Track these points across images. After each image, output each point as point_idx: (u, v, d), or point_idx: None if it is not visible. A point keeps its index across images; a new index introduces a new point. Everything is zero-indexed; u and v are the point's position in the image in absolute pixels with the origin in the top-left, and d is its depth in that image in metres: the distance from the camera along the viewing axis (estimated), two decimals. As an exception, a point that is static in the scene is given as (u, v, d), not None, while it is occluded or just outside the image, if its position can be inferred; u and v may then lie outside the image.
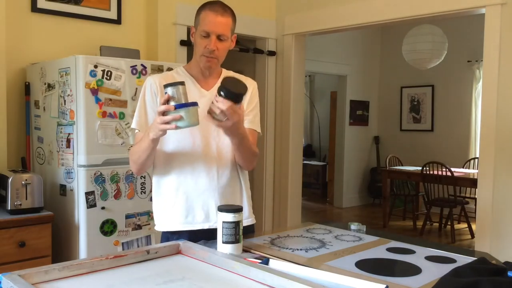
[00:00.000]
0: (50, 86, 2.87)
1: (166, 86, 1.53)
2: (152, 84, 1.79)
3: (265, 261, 1.38)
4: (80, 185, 2.64)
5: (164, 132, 1.57)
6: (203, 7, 1.77)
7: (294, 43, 4.42)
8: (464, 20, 6.31)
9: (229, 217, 1.49)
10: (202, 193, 1.78)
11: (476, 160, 5.94)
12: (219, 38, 1.74)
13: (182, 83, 1.54)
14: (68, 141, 2.71)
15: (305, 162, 7.21)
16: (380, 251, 1.61)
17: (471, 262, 1.32)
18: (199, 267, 1.37)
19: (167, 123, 1.51)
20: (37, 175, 2.68)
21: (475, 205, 4.33)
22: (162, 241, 1.82)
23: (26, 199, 2.57)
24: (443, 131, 7.22)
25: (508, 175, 3.13)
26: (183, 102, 1.52)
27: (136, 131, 1.83)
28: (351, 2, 3.96)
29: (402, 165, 6.93)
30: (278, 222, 4.57)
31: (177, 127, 1.52)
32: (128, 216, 2.82)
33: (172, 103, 1.51)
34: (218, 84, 1.76)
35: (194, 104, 1.53)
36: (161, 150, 1.78)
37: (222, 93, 1.52)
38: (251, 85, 1.90)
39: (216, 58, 1.77)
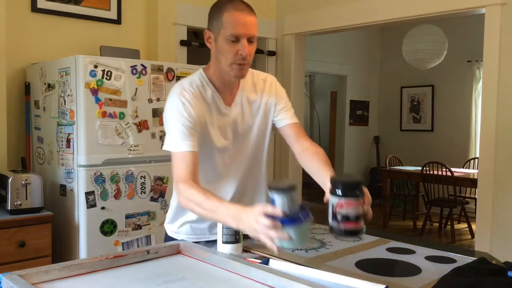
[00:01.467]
0: (50, 86, 2.87)
1: (272, 189, 1.18)
2: (187, 107, 1.49)
3: (265, 261, 1.38)
4: (80, 185, 2.64)
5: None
6: (223, 6, 1.51)
7: (294, 43, 4.42)
8: (464, 20, 6.31)
9: (229, 217, 1.48)
10: None
11: (476, 160, 5.94)
12: (249, 40, 1.50)
13: (293, 188, 1.18)
14: (68, 141, 2.71)
15: (305, 162, 7.19)
16: (380, 251, 1.61)
17: (471, 262, 1.32)
18: (199, 267, 1.37)
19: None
20: (37, 175, 2.68)
21: (475, 205, 4.33)
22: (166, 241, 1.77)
23: (26, 199, 2.57)
24: (443, 131, 7.22)
25: (508, 175, 3.13)
26: (293, 214, 1.16)
27: (177, 151, 1.46)
28: (351, 2, 3.96)
29: (402, 165, 6.93)
30: (278, 222, 4.57)
31: (280, 249, 1.19)
32: (128, 216, 2.82)
33: (278, 209, 1.15)
34: (240, 96, 1.60)
35: (307, 215, 1.17)
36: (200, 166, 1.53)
37: (340, 192, 1.20)
38: (272, 79, 1.76)
39: (249, 65, 1.53)
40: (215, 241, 1.57)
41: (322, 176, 1.52)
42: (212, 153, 1.58)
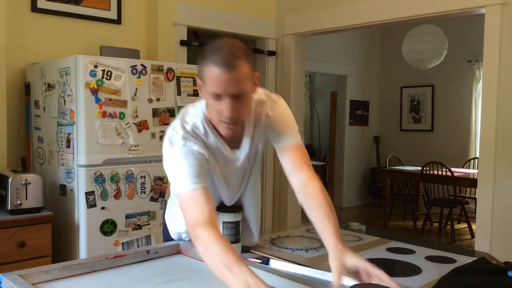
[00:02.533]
0: (50, 86, 2.87)
1: None
2: (193, 149, 1.38)
3: (265, 261, 1.38)
4: (80, 185, 2.64)
5: None
6: (205, 58, 1.31)
7: (294, 43, 4.42)
8: (464, 20, 6.31)
9: (229, 217, 1.49)
10: None
11: (476, 160, 5.93)
12: (236, 97, 1.30)
13: None
14: (68, 141, 2.71)
15: (305, 162, 7.19)
16: (380, 251, 1.61)
17: (471, 262, 1.32)
18: (199, 267, 1.36)
19: None
20: (37, 175, 2.68)
21: (475, 205, 4.33)
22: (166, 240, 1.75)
23: (26, 199, 2.57)
24: (443, 131, 7.22)
25: (508, 175, 3.13)
26: None
27: (184, 189, 1.32)
28: (351, 2, 3.96)
29: (402, 165, 6.93)
30: (278, 222, 4.57)
31: None
32: (128, 216, 2.82)
33: None
34: (247, 139, 1.48)
35: None
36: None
37: None
38: (281, 105, 1.54)
39: (239, 123, 1.38)
40: None
41: (324, 232, 1.32)
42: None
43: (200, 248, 1.22)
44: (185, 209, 1.30)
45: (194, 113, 1.45)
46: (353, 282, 1.15)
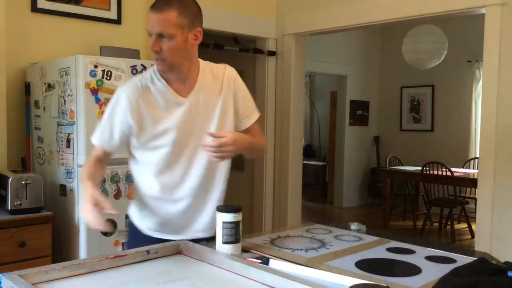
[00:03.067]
0: (50, 86, 2.87)
1: None
2: (126, 103, 1.64)
3: (265, 261, 1.38)
4: (80, 185, 2.64)
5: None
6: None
7: (294, 43, 4.42)
8: (464, 20, 6.31)
9: (229, 217, 1.49)
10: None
11: (476, 160, 5.94)
12: (161, 36, 1.54)
13: None
14: (68, 141, 2.71)
15: (305, 162, 7.21)
16: (380, 251, 1.61)
17: (471, 262, 1.32)
18: (199, 267, 1.37)
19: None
20: (37, 175, 2.68)
21: (475, 205, 4.33)
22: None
23: (26, 199, 2.57)
24: (443, 131, 7.22)
25: (508, 175, 3.13)
26: None
27: (94, 143, 1.74)
28: (351, 2, 3.96)
29: (402, 165, 6.93)
30: (278, 222, 4.57)
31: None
32: (128, 216, 2.81)
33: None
34: (198, 88, 1.66)
35: None
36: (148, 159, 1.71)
37: None
38: (231, 71, 1.78)
39: (164, 60, 1.58)
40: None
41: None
42: (163, 142, 1.65)
43: (85, 163, 1.75)
44: (91, 157, 1.74)
45: (145, 71, 1.73)
46: (353, 282, 1.15)
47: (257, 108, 1.84)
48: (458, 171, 5.93)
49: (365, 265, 1.43)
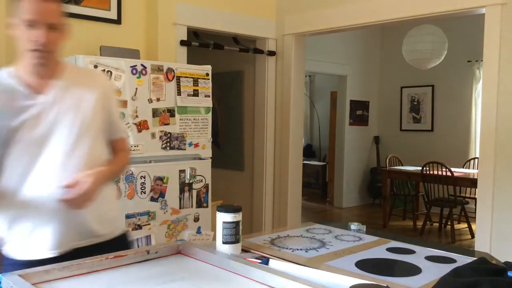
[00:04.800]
0: (50, 86, 2.86)
1: None
2: None
3: (265, 261, 1.38)
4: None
5: None
6: None
7: (294, 43, 4.42)
8: (464, 20, 6.31)
9: (229, 217, 1.49)
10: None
11: (476, 160, 5.94)
12: (49, 27, 1.44)
13: None
14: (68, 141, 2.70)
15: (305, 162, 7.21)
16: (380, 251, 1.61)
17: (471, 262, 1.32)
18: (199, 267, 1.37)
19: None
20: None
21: (475, 205, 4.33)
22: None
23: (26, 199, 2.57)
24: (443, 131, 7.22)
25: (508, 175, 3.13)
26: None
27: None
28: (351, 2, 3.96)
29: (402, 165, 6.93)
30: (278, 222, 4.57)
31: None
32: (128, 216, 2.82)
33: None
34: (58, 85, 1.53)
35: None
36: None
37: None
38: (110, 82, 1.69)
39: (49, 52, 1.48)
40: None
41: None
42: (24, 142, 1.49)
43: None
44: None
45: None
46: (353, 282, 1.15)
47: (126, 130, 1.80)
48: (458, 171, 5.92)
49: (365, 265, 1.43)
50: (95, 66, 2.64)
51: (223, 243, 1.48)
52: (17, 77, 1.52)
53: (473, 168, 6.32)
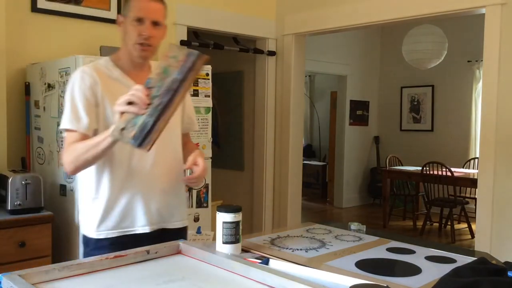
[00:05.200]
0: (50, 86, 2.87)
1: None
2: (88, 79, 1.63)
3: (265, 261, 1.38)
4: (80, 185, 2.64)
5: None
6: None
7: (294, 43, 4.42)
8: (464, 20, 6.31)
9: (229, 217, 1.49)
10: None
11: (476, 160, 5.94)
12: (155, 24, 1.64)
13: None
14: (68, 141, 2.70)
15: (305, 162, 7.21)
16: (380, 251, 1.61)
17: (471, 262, 1.32)
18: (199, 267, 1.37)
19: None
20: (37, 175, 2.68)
21: (475, 205, 4.33)
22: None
23: (26, 199, 2.57)
24: (443, 131, 7.22)
25: (508, 175, 3.13)
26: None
27: (66, 133, 1.65)
28: (351, 2, 3.96)
29: (402, 165, 6.93)
30: (278, 222, 4.57)
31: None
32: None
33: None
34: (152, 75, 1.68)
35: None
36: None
37: None
38: None
39: (151, 46, 1.67)
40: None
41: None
42: None
43: (68, 166, 1.59)
44: (68, 144, 1.63)
45: (95, 62, 1.73)
46: (353, 282, 1.15)
47: (197, 125, 1.99)
48: (458, 171, 5.93)
49: (365, 265, 1.43)
50: (95, 66, 2.64)
51: (223, 243, 1.48)
52: (120, 67, 1.70)
53: (473, 168, 6.33)
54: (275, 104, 4.58)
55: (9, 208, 2.54)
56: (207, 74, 3.25)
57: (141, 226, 1.69)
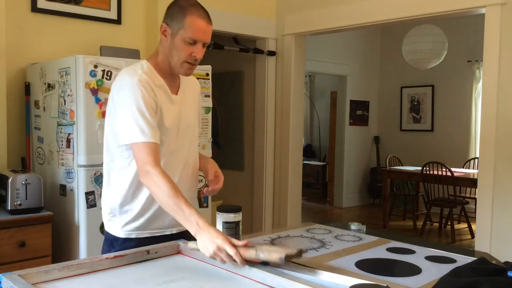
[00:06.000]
0: (50, 86, 2.87)
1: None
2: (148, 89, 1.60)
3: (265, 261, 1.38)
4: (80, 185, 2.64)
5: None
6: (186, 9, 1.60)
7: (294, 43, 4.42)
8: (464, 20, 6.31)
9: (229, 217, 1.49)
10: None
11: (476, 160, 5.94)
12: (204, 45, 1.65)
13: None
14: (68, 141, 2.71)
15: (305, 162, 7.22)
16: (380, 251, 1.62)
17: (471, 262, 1.32)
18: (199, 267, 1.37)
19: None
20: (37, 175, 2.68)
21: (475, 205, 4.33)
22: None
23: (26, 199, 2.57)
24: (443, 131, 7.22)
25: (508, 175, 3.13)
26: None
27: (142, 141, 1.53)
28: (351, 2, 3.96)
29: (402, 165, 6.93)
30: (278, 222, 4.57)
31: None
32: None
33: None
34: (182, 88, 1.75)
35: None
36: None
37: None
38: (198, 82, 1.93)
39: (196, 64, 1.68)
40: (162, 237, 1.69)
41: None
42: (164, 134, 1.66)
43: (149, 183, 1.49)
44: (140, 153, 1.52)
45: (134, 67, 1.68)
46: (353, 282, 1.15)
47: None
48: (458, 171, 5.93)
49: (365, 265, 1.43)
50: (95, 66, 2.64)
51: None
52: (160, 74, 1.69)
53: (473, 168, 6.33)
54: (275, 104, 4.58)
55: (9, 208, 2.54)
56: (207, 74, 3.25)
57: (168, 228, 1.72)
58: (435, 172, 5.62)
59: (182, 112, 1.73)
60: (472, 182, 5.38)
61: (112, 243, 1.70)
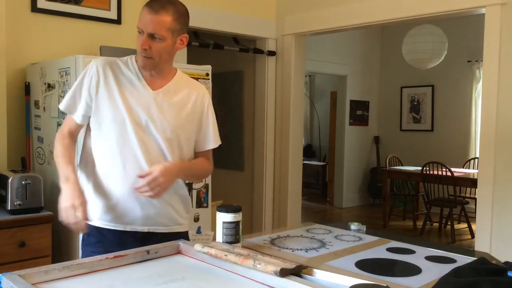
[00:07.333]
0: (50, 86, 2.87)
1: None
2: (95, 71, 1.70)
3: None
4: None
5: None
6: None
7: (294, 43, 4.42)
8: (464, 20, 6.31)
9: (229, 217, 1.49)
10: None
11: (476, 160, 5.94)
12: (152, 37, 1.64)
13: None
14: (68, 141, 2.70)
15: (305, 162, 7.21)
16: (380, 251, 1.62)
17: (471, 262, 1.32)
18: (199, 267, 1.37)
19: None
20: (37, 175, 2.68)
21: (475, 205, 4.33)
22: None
23: (26, 199, 2.57)
24: (443, 131, 7.22)
25: (508, 175, 3.13)
26: None
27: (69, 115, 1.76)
28: (351, 2, 3.96)
29: (402, 165, 6.93)
30: (278, 222, 4.57)
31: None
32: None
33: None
34: (168, 89, 1.72)
35: None
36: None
37: None
38: (207, 94, 1.85)
39: (151, 58, 1.66)
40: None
41: None
42: (123, 122, 1.68)
43: (55, 143, 1.73)
44: (64, 124, 1.77)
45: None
46: (353, 282, 1.15)
47: (219, 138, 1.89)
48: (458, 171, 5.93)
49: (365, 265, 1.43)
50: (95, 66, 2.64)
51: (223, 243, 1.48)
52: (140, 69, 1.73)
53: (473, 168, 6.33)
54: (275, 104, 4.58)
55: (9, 208, 2.54)
56: (207, 74, 3.25)
57: (128, 224, 1.74)
58: (435, 172, 5.62)
59: (153, 109, 1.69)
60: (472, 182, 5.38)
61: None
